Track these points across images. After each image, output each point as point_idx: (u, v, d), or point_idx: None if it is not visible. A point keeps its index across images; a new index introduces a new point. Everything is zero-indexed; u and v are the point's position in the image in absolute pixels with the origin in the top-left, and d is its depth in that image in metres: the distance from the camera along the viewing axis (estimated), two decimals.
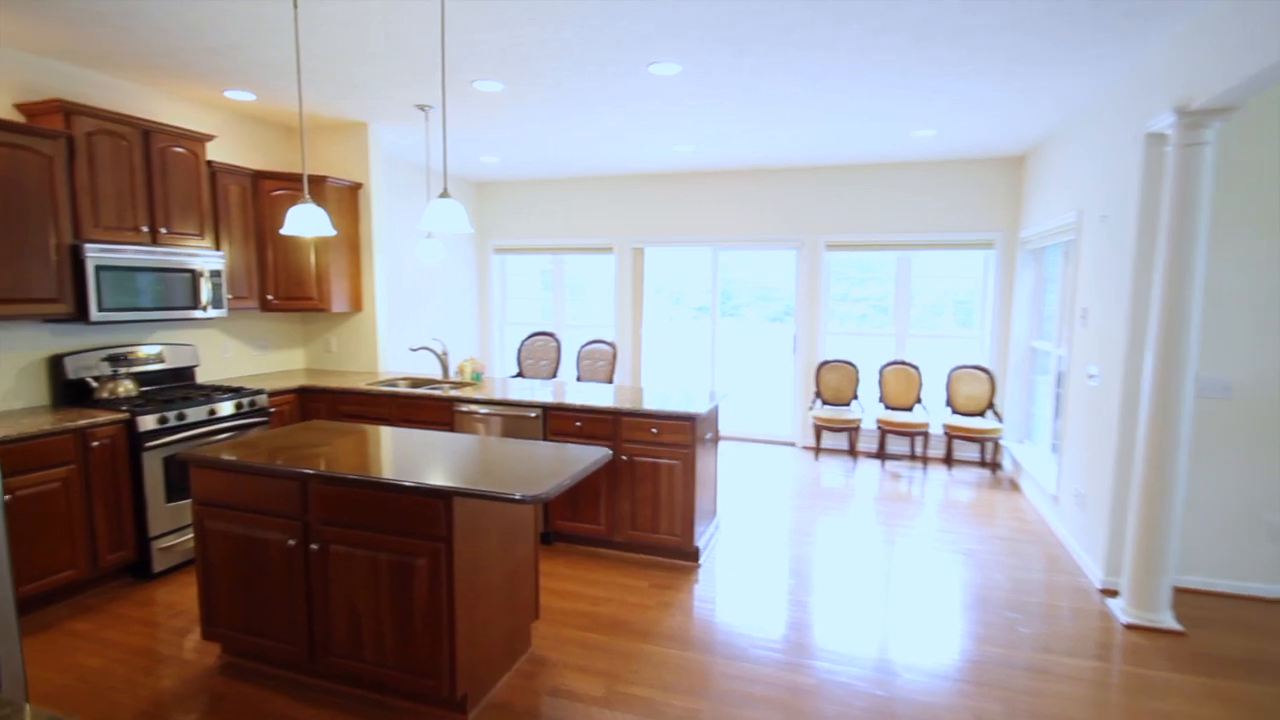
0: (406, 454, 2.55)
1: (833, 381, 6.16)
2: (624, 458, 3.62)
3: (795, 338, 6.43)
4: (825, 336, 6.37)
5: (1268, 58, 2.25)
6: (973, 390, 5.74)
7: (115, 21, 2.96)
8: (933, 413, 5.92)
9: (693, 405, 3.60)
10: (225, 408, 3.80)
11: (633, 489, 3.64)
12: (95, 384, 3.61)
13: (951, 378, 5.84)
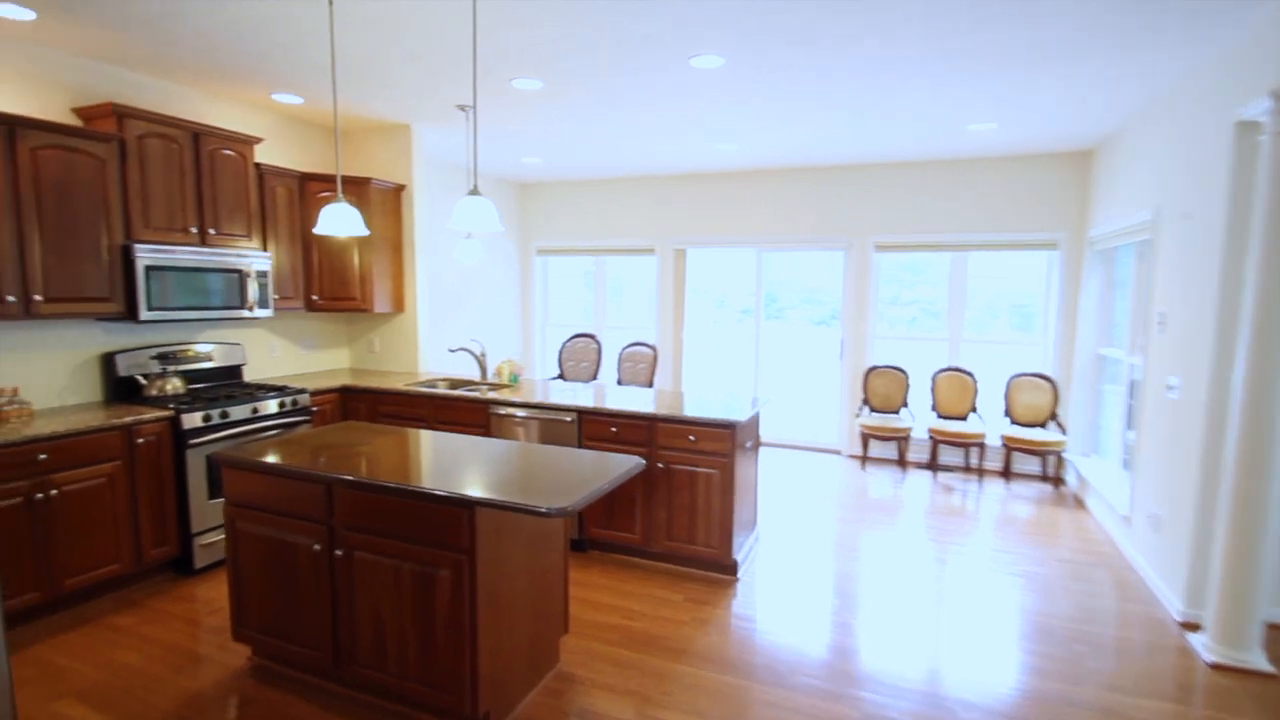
0: (434, 459, 2.49)
1: (881, 388, 5.90)
2: (660, 465, 3.50)
3: (842, 342, 6.19)
4: (873, 341, 6.11)
5: None
6: (1034, 399, 5.40)
7: (162, 24, 3.00)
8: (989, 422, 5.60)
9: (732, 412, 3.45)
10: (268, 406, 3.84)
11: (669, 498, 3.51)
12: (145, 381, 3.70)
13: (1010, 386, 5.51)
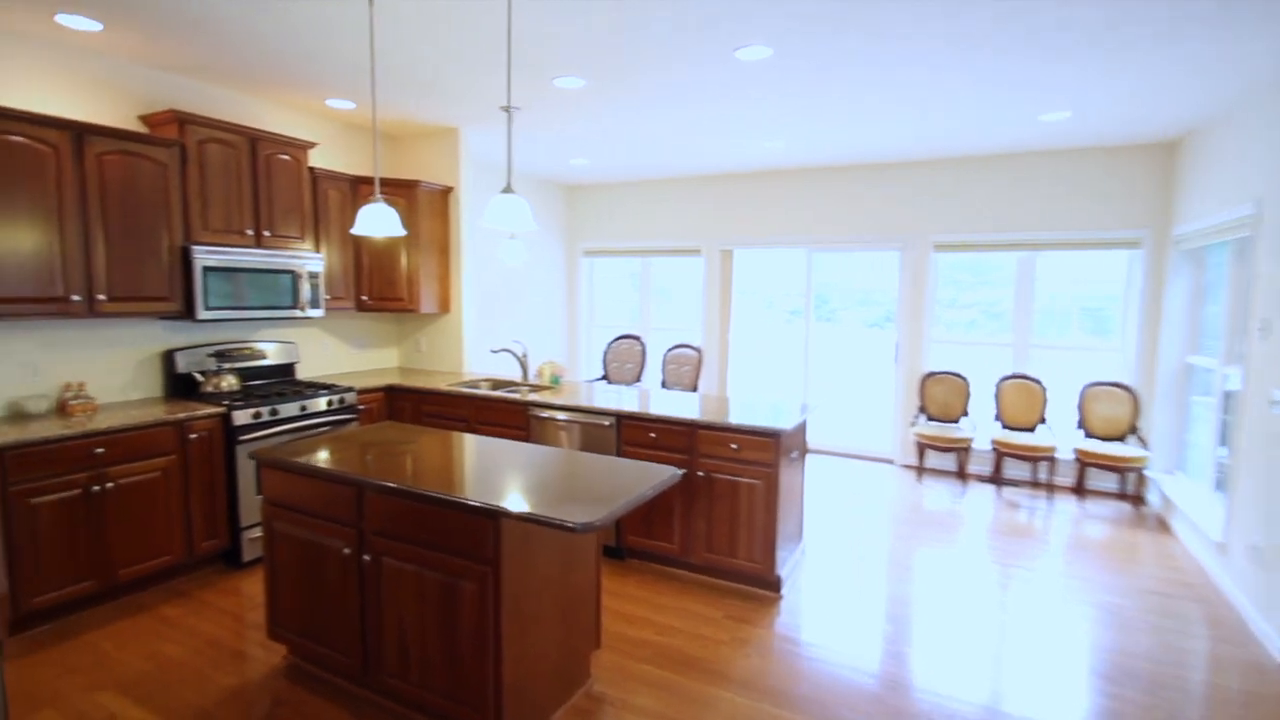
0: (464, 464, 2.43)
1: (939, 395, 5.58)
2: (700, 474, 3.37)
3: (897, 346, 5.90)
4: (930, 345, 5.79)
5: None
6: (1111, 411, 5.00)
7: (216, 32, 3.06)
8: (1060, 435, 5.21)
9: (777, 419, 3.29)
10: (316, 404, 3.90)
11: (709, 508, 3.38)
12: (201, 378, 3.82)
13: (1085, 396, 5.12)
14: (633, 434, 3.57)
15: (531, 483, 2.20)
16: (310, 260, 4.12)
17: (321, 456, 2.48)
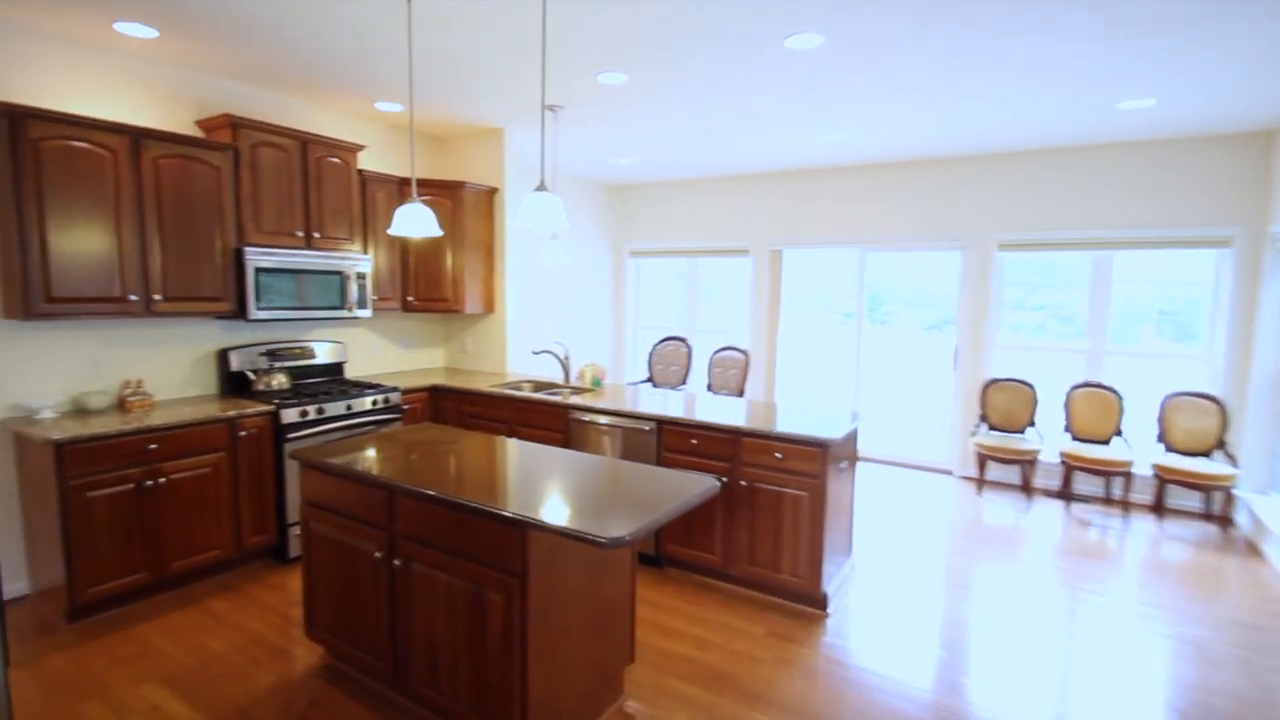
0: (498, 469, 2.38)
1: (1002, 403, 5.27)
2: (743, 483, 3.24)
3: (956, 350, 5.60)
4: (993, 350, 5.47)
5: None
6: (1196, 424, 4.60)
7: (267, 34, 3.11)
8: (1137, 448, 4.83)
9: (825, 428, 3.13)
10: (362, 404, 3.95)
11: (752, 518, 3.24)
12: (253, 376, 3.91)
13: (1166, 407, 4.73)
14: (673, 440, 3.46)
15: (563, 491, 2.13)
16: (359, 261, 4.17)
17: (356, 458, 2.47)
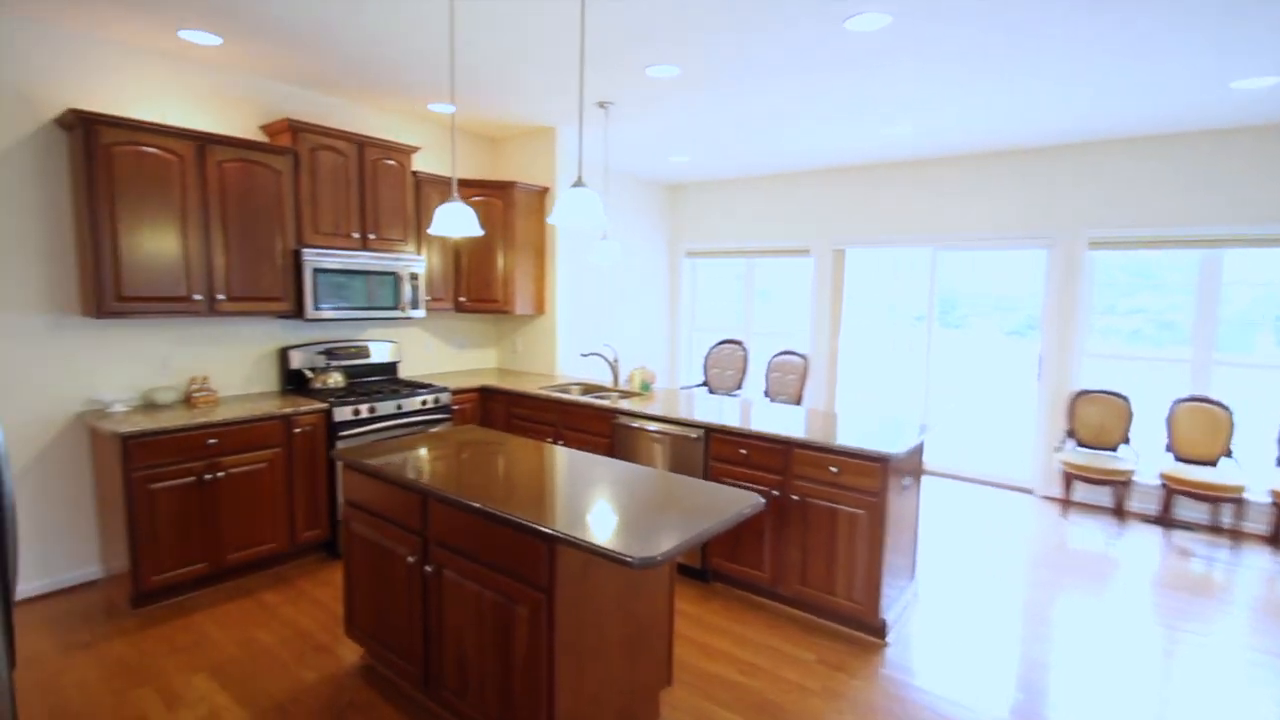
0: (533, 477, 2.30)
1: (1093, 417, 4.81)
2: (795, 497, 3.04)
3: (1040, 358, 5.16)
4: (1081, 358, 5.01)
5: None
6: None
7: (325, 40, 3.16)
8: (1251, 471, 4.30)
9: (887, 441, 2.90)
10: (412, 403, 3.98)
11: (803, 535, 3.04)
12: (311, 375, 4.01)
13: None
14: (722, 449, 3.30)
15: (596, 504, 2.02)
16: (413, 262, 4.21)
17: (394, 459, 2.45)
